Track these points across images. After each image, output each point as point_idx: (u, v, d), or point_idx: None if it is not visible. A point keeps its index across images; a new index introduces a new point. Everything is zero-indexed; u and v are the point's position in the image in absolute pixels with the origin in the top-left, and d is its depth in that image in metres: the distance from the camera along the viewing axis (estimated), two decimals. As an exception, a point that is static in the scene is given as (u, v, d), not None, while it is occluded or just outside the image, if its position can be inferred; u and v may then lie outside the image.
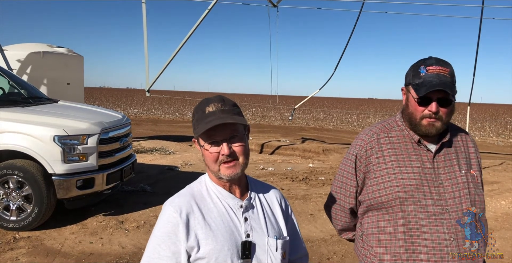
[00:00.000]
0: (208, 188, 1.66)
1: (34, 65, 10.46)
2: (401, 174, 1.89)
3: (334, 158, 13.12)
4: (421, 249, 1.83)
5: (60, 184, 5.38)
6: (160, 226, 1.58)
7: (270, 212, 1.72)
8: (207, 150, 1.59)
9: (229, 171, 1.58)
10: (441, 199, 1.86)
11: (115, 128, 6.20)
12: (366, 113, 43.71)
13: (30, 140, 5.37)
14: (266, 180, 8.76)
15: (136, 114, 30.24)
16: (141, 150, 11.98)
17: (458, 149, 1.99)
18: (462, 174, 1.92)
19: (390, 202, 1.88)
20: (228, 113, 1.57)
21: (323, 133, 21.90)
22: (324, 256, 5.06)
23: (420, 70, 1.89)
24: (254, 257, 1.59)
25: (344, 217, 2.16)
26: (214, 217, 1.59)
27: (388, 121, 2.07)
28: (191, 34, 12.24)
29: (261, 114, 34.98)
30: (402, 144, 1.96)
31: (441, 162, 1.92)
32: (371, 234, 1.96)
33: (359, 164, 2.00)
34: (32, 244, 5.07)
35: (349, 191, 2.06)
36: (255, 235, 1.62)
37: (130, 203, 6.69)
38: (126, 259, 4.77)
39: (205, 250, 1.53)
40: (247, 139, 1.67)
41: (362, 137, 2.04)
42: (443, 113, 1.87)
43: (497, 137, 23.69)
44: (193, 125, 1.63)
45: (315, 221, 6.31)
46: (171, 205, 1.59)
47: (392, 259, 1.88)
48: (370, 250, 1.96)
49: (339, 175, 2.11)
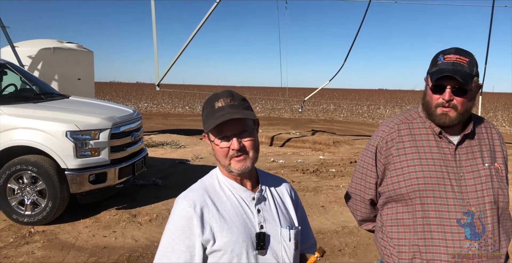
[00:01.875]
0: (220, 182, 1.68)
1: (45, 61, 10.55)
2: (422, 166, 1.87)
3: (344, 149, 13.09)
4: (440, 242, 1.81)
5: (73, 179, 5.45)
6: (174, 221, 1.59)
7: (281, 203, 1.73)
8: (218, 145, 1.60)
9: (239, 165, 1.59)
10: (462, 192, 1.83)
11: (126, 123, 6.24)
12: (377, 105, 43.46)
13: (42, 135, 5.44)
14: (277, 172, 8.78)
15: (146, 108, 30.36)
16: (152, 143, 12.06)
17: (482, 141, 1.96)
18: (486, 167, 1.88)
19: (410, 194, 1.87)
20: (238, 108, 1.58)
21: (333, 125, 21.82)
22: (336, 247, 5.08)
23: (438, 58, 1.87)
24: (268, 248, 1.61)
25: (364, 208, 2.16)
26: (228, 209, 1.60)
27: (410, 112, 2.05)
28: (200, 28, 12.25)
29: (271, 107, 34.94)
30: (424, 136, 1.93)
31: (463, 154, 1.89)
32: (390, 225, 1.96)
33: (379, 155, 1.99)
34: (47, 238, 5.15)
35: (369, 182, 2.05)
36: (268, 226, 1.63)
37: (142, 196, 6.76)
38: (140, 252, 4.83)
39: (220, 242, 1.54)
40: (257, 133, 1.68)
41: (383, 128, 2.03)
42: (458, 103, 1.83)
43: (509, 126, 23.44)
44: (203, 121, 1.64)
45: (326, 213, 6.32)
46: (184, 199, 1.60)
47: (411, 251, 1.87)
48: (389, 241, 1.96)
49: (359, 166, 2.11)
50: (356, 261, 4.75)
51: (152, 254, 4.78)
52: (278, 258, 1.62)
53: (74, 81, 11.22)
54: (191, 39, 12.41)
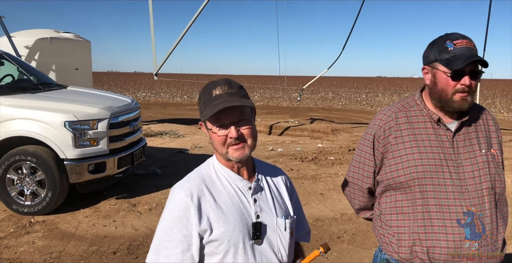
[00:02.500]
0: (216, 171, 1.67)
1: (42, 51, 10.49)
2: (420, 154, 1.87)
3: (343, 137, 13.11)
4: (440, 229, 1.82)
5: (72, 169, 5.46)
6: (170, 210, 1.58)
7: (277, 193, 1.74)
8: (215, 133, 1.58)
9: (237, 153, 1.58)
10: (461, 179, 1.84)
11: (124, 112, 6.24)
12: (375, 92, 43.41)
13: (41, 125, 5.44)
14: (276, 160, 8.80)
15: (144, 98, 30.31)
16: (151, 133, 12.06)
17: (479, 127, 1.96)
18: (482, 153, 1.89)
19: (409, 182, 1.87)
20: (235, 96, 1.56)
21: (331, 113, 21.83)
22: (334, 235, 5.11)
23: (447, 45, 1.84)
24: (264, 238, 1.62)
25: (362, 196, 2.16)
26: (225, 199, 1.60)
27: (407, 100, 2.04)
28: (197, 16, 12.17)
29: (269, 96, 34.89)
30: (421, 124, 1.93)
31: (460, 141, 1.89)
32: (389, 213, 1.97)
33: (377, 144, 1.98)
34: (47, 227, 5.18)
35: (367, 171, 2.05)
36: (264, 216, 1.64)
37: (142, 186, 6.78)
38: (140, 241, 4.86)
39: (217, 232, 1.54)
40: (254, 121, 1.67)
41: (380, 117, 2.02)
42: (474, 87, 1.84)
43: (508, 113, 23.48)
44: (200, 109, 1.62)
45: (325, 200, 6.35)
46: (181, 189, 1.59)
47: (411, 239, 1.88)
48: (388, 229, 1.97)
49: (357, 155, 2.10)
50: (354, 247, 4.79)
51: (152, 242, 4.82)
52: (274, 247, 1.63)
53: (71, 71, 11.18)
54: (188, 28, 12.34)
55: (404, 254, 1.90)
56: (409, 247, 1.88)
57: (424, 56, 1.95)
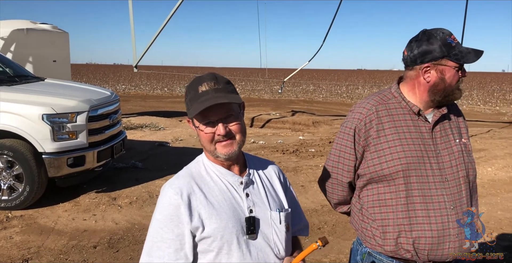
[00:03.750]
0: (206, 168, 1.64)
1: (18, 43, 10.26)
2: (402, 146, 1.89)
3: (324, 129, 13.19)
4: (423, 219, 1.86)
5: (50, 163, 5.38)
6: (161, 209, 1.55)
7: (270, 186, 1.70)
8: (202, 131, 1.55)
9: (225, 150, 1.55)
10: (440, 169, 1.89)
11: (104, 105, 6.16)
12: (355, 85, 43.70)
13: (18, 119, 5.33)
14: (257, 153, 8.82)
15: (124, 90, 29.95)
16: (131, 126, 11.94)
17: (450, 117, 2.01)
18: (457, 143, 1.95)
19: (393, 175, 1.89)
20: (222, 92, 1.52)
21: (312, 105, 21.92)
22: (315, 226, 5.16)
23: (449, 41, 1.87)
24: (259, 232, 1.58)
25: (341, 191, 2.13)
26: (216, 195, 1.57)
27: (384, 93, 2.04)
28: (177, 8, 12.03)
29: (251, 88, 34.84)
30: (401, 116, 1.95)
31: (437, 132, 1.94)
32: (372, 207, 1.97)
33: (358, 137, 1.97)
34: (25, 222, 5.11)
35: (348, 165, 2.03)
36: (258, 210, 1.60)
37: (122, 179, 6.73)
38: (120, 234, 4.83)
39: (209, 229, 1.51)
40: (243, 116, 1.63)
41: (359, 110, 2.00)
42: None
43: (484, 105, 23.89)
44: (186, 106, 1.58)
45: (306, 192, 6.40)
46: (171, 188, 1.55)
47: (396, 231, 1.90)
48: (371, 223, 1.97)
49: (335, 149, 2.08)
50: (335, 238, 4.85)
51: (133, 236, 4.80)
52: (270, 241, 1.59)
53: (49, 63, 10.98)
54: (168, 19, 12.19)
55: (389, 246, 1.92)
56: (394, 239, 1.90)
57: (423, 54, 1.89)
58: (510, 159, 8.57)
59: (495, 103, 24.92)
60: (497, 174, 7.55)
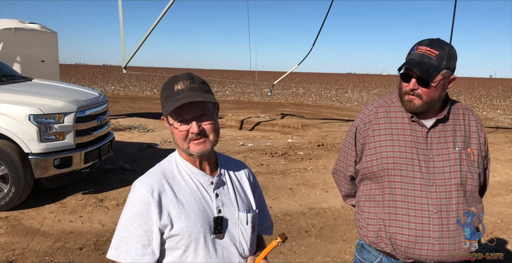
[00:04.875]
0: (178, 166, 1.67)
1: (6, 42, 10.16)
2: (393, 146, 2.00)
3: (313, 133, 13.22)
4: (403, 217, 1.94)
5: (37, 163, 5.33)
6: (131, 206, 1.58)
7: (239, 187, 1.75)
8: (177, 128, 1.58)
9: (198, 148, 1.59)
10: (429, 173, 1.94)
11: (92, 106, 6.12)
12: (345, 89, 43.90)
13: (4, 119, 5.28)
14: (246, 155, 8.82)
15: (113, 91, 29.78)
16: (119, 127, 11.88)
17: (458, 126, 2.04)
18: (456, 151, 1.98)
19: (379, 172, 2.01)
20: (197, 91, 1.56)
21: (302, 109, 21.97)
22: (302, 228, 5.17)
23: (413, 49, 1.98)
24: (226, 232, 1.63)
25: (346, 184, 2.32)
26: (186, 194, 1.61)
27: (390, 97, 2.18)
28: (167, 9, 12.01)
29: (241, 91, 34.84)
30: (399, 119, 2.06)
31: (435, 138, 2.00)
32: (364, 200, 2.12)
33: (358, 135, 2.14)
34: (11, 224, 5.05)
35: (350, 160, 2.22)
36: (226, 211, 1.65)
37: (109, 181, 6.69)
38: (107, 236, 4.79)
39: (178, 227, 1.55)
40: (217, 116, 1.67)
41: (364, 111, 2.18)
42: (423, 93, 1.93)
43: (472, 110, 24.09)
44: (162, 103, 1.62)
45: (294, 195, 6.41)
46: (142, 185, 1.59)
47: (377, 224, 2.02)
48: (362, 215, 2.12)
49: (343, 145, 2.28)
50: (322, 241, 4.86)
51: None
52: (236, 241, 1.65)
53: (37, 63, 10.88)
54: (158, 20, 12.16)
55: (371, 237, 2.05)
56: (376, 232, 2.02)
57: None
58: (496, 164, 8.67)
59: (482, 109, 25.18)
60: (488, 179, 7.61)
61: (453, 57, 1.94)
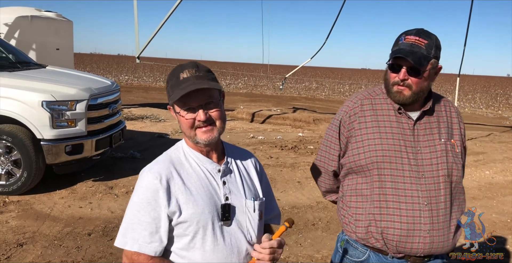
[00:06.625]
0: (185, 154, 1.67)
1: (22, 30, 10.27)
2: (381, 139, 1.95)
3: (324, 127, 13.18)
4: (394, 211, 1.90)
5: (48, 149, 5.40)
6: (139, 193, 1.58)
7: (246, 175, 1.75)
8: (183, 117, 1.58)
9: (205, 135, 1.59)
10: (418, 165, 1.92)
11: (104, 94, 6.17)
12: (359, 84, 43.67)
13: (18, 105, 5.35)
14: (256, 148, 8.83)
15: (127, 81, 29.97)
16: (132, 117, 11.96)
17: (441, 118, 2.03)
18: (442, 142, 1.97)
19: (368, 166, 1.95)
20: (203, 79, 1.56)
21: (314, 103, 21.91)
22: (309, 222, 5.18)
23: (400, 38, 1.94)
24: (233, 219, 1.64)
25: (327, 179, 2.24)
26: (194, 181, 1.61)
27: (374, 89, 2.12)
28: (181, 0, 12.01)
29: (253, 84, 34.81)
30: (385, 111, 2.01)
31: (421, 129, 1.97)
32: (350, 195, 2.06)
33: (342, 129, 2.07)
34: (22, 208, 5.13)
35: (333, 154, 2.13)
36: (233, 198, 1.65)
37: (120, 169, 6.75)
38: (115, 223, 4.85)
39: (186, 214, 1.55)
40: (223, 104, 1.67)
41: (347, 104, 2.10)
42: (413, 83, 1.90)
43: (486, 109, 23.86)
44: (168, 92, 1.62)
45: (302, 188, 6.42)
46: (150, 172, 1.59)
47: (367, 219, 1.97)
48: (348, 210, 2.06)
49: (325, 139, 2.19)
50: (328, 235, 4.86)
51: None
52: (243, 228, 1.65)
53: (52, 51, 10.98)
54: (172, 11, 12.17)
55: (360, 234, 1.99)
56: (365, 227, 1.97)
57: None
58: (508, 163, 8.58)
59: (498, 107, 24.89)
60: (494, 177, 7.56)
61: (440, 47, 1.93)
